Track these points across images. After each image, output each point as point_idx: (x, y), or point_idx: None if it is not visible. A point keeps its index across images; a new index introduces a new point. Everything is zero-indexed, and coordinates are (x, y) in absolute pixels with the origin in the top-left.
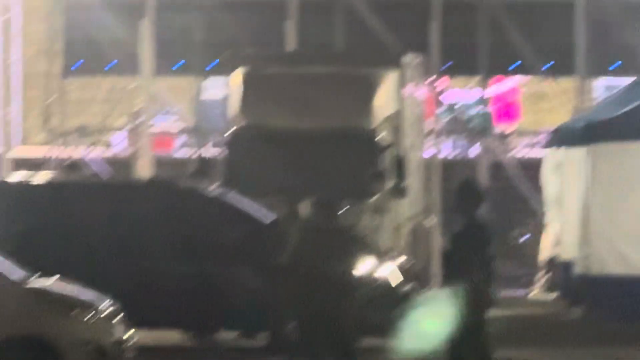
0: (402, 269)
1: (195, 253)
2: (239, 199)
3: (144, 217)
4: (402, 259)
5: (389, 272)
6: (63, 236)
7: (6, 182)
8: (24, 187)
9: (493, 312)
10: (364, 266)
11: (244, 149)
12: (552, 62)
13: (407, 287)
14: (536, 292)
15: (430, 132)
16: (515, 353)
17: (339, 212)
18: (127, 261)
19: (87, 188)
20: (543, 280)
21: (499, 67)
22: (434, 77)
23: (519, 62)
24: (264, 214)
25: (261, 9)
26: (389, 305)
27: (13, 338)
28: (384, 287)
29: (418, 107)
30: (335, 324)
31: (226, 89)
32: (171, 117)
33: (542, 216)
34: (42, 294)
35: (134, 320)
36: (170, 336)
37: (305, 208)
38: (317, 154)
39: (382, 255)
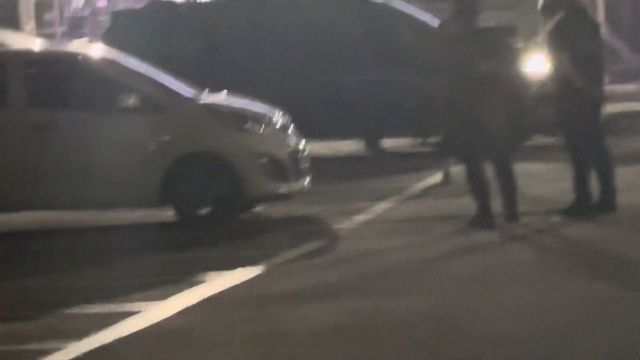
0: None
1: (366, 60)
2: (404, 5)
3: (321, 28)
4: None
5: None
6: (252, 50)
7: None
8: (191, 5)
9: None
10: (526, 70)
11: None
12: None
13: None
14: None
15: None
16: None
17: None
18: (302, 72)
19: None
20: None
21: None
22: None
23: None
24: (428, 19)
25: None
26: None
27: (189, 154)
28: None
29: None
30: (500, 124)
31: None
32: None
33: None
34: (214, 110)
35: (307, 130)
36: (341, 146)
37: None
38: None
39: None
